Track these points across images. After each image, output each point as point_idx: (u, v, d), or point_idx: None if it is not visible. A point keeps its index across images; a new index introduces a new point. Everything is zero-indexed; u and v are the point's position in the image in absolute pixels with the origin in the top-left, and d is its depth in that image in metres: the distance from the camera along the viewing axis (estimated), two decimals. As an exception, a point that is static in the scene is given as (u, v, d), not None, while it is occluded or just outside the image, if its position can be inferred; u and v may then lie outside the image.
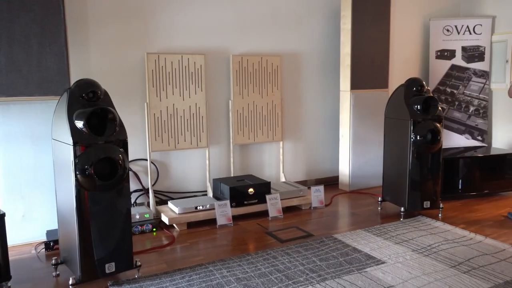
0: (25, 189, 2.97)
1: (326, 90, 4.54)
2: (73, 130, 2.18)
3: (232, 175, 4.00)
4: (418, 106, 3.36)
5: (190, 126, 3.73)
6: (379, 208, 3.73)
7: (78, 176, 2.18)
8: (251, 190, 3.49)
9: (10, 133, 2.90)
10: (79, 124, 2.19)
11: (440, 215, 3.49)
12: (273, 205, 3.53)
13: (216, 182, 3.64)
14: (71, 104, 2.26)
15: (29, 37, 2.89)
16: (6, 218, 2.33)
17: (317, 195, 3.77)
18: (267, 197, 3.52)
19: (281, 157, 4.23)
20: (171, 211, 3.36)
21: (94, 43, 3.43)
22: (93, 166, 2.16)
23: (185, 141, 3.72)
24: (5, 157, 2.90)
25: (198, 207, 3.33)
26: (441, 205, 3.47)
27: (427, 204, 3.43)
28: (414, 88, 3.47)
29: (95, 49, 3.44)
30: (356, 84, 4.25)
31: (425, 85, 3.49)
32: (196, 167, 3.92)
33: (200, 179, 3.95)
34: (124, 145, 2.31)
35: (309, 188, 3.90)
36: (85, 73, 3.39)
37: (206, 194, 3.92)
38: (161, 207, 3.46)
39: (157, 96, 3.57)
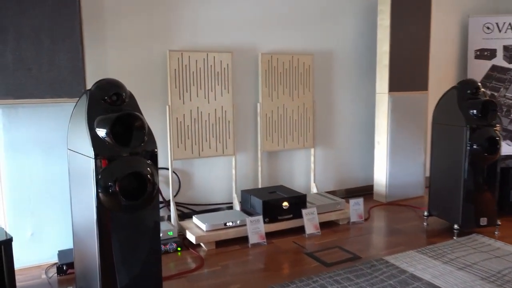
0: (35, 204, 2.61)
1: (360, 92, 4.16)
2: (94, 139, 1.82)
3: (259, 186, 3.64)
4: (475, 111, 2.98)
5: (216, 131, 3.37)
6: (425, 224, 3.35)
7: (100, 194, 1.82)
8: (285, 204, 3.12)
9: (18, 141, 2.54)
10: (101, 132, 1.83)
11: (496, 233, 3.11)
12: (310, 220, 3.16)
13: (246, 195, 3.27)
14: (91, 108, 1.90)
15: (40, 31, 2.53)
16: (13, 236, 1.98)
17: (356, 208, 3.40)
18: (304, 211, 3.15)
19: (312, 165, 3.87)
20: (197, 227, 2.99)
21: (110, 39, 3.07)
22: (118, 183, 1.80)
23: (210, 148, 3.36)
24: (12, 168, 2.55)
25: (227, 223, 2.97)
26: (498, 222, 3.10)
27: (483, 221, 3.05)
28: (469, 91, 3.10)
29: (112, 45, 3.08)
30: (394, 85, 3.87)
31: (480, 87, 3.12)
32: (221, 177, 3.56)
33: (225, 190, 3.58)
34: (153, 157, 1.95)
35: (346, 200, 3.53)
36: (101, 73, 3.03)
37: (231, 207, 3.56)
38: (185, 223, 3.10)
39: (180, 99, 3.21)
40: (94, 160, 1.80)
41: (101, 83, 1.98)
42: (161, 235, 2.85)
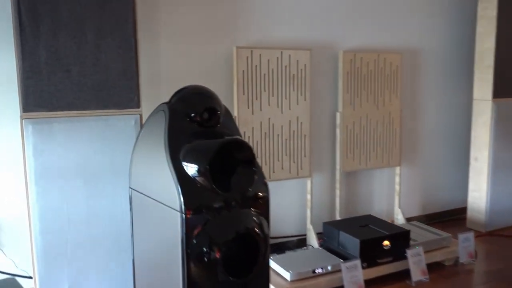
0: (73, 250, 1.97)
1: (451, 98, 3.46)
2: (183, 181, 1.18)
3: (337, 214, 2.97)
4: None
5: (290, 148, 2.71)
6: (555, 265, 2.65)
7: (192, 264, 1.17)
8: (386, 243, 2.44)
9: (52, 167, 1.91)
10: (192, 169, 1.19)
11: None
12: (416, 263, 2.48)
13: (330, 229, 2.60)
14: (174, 131, 1.25)
15: (83, 22, 1.90)
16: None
17: (466, 245, 2.70)
18: (408, 252, 2.47)
19: (396, 186, 3.18)
20: (277, 274, 2.33)
21: (166, 33, 2.42)
22: (220, 252, 1.15)
23: (282, 168, 2.70)
24: (44, 203, 1.91)
25: (316, 270, 2.30)
26: None
27: None
28: None
29: (167, 42, 2.44)
30: (501, 90, 3.17)
31: None
32: (292, 203, 2.89)
33: (297, 219, 2.91)
34: (265, 208, 1.29)
35: (454, 236, 2.84)
36: (153, 75, 2.39)
37: (305, 240, 2.89)
38: (258, 266, 2.43)
39: (248, 108, 2.56)
40: (183, 215, 1.14)
41: (185, 93, 1.35)
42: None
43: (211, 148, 1.13)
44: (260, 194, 1.25)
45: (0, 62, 2.08)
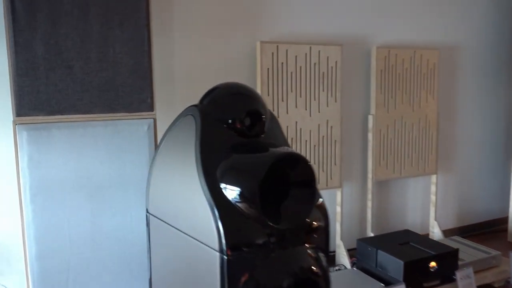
0: (75, 277, 1.69)
1: (491, 100, 3.16)
2: (223, 210, 0.89)
3: (369, 228, 2.67)
4: None
5: (319, 156, 2.42)
6: None
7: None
8: (433, 264, 2.14)
9: (51, 181, 1.62)
10: (233, 193, 0.90)
11: None
12: (467, 287, 2.17)
13: (367, 247, 2.30)
14: (208, 141, 0.97)
15: (87, 10, 1.61)
16: None
17: (518, 265, 2.40)
18: (458, 275, 2.17)
19: (432, 196, 2.88)
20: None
21: (180, 26, 2.14)
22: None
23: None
24: (41, 223, 1.62)
25: (355, 297, 2.00)
26: None
27: None
28: None
29: (182, 36, 2.15)
30: (549, 90, 2.88)
31: None
32: (319, 217, 2.60)
33: (324, 234, 2.62)
34: (324, 240, 1.00)
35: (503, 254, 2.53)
36: (165, 74, 2.11)
37: (333, 257, 2.59)
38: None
39: (273, 110, 2.25)
40: (223, 257, 0.85)
41: (221, 93, 1.06)
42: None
43: (260, 165, 0.84)
44: (318, 223, 0.96)
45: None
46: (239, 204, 0.87)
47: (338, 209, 2.53)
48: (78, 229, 1.68)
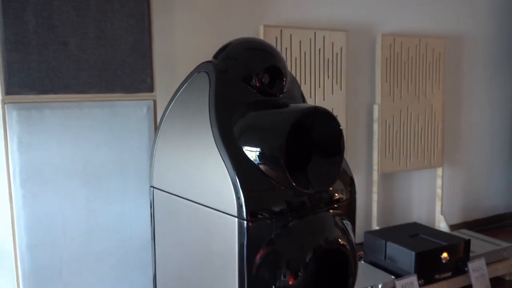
0: (69, 270, 1.57)
1: (501, 91, 3.10)
2: (242, 170, 0.79)
3: (374, 221, 2.58)
4: None
5: (325, 145, 2.32)
6: None
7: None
8: (445, 255, 2.05)
9: (43, 165, 1.50)
10: (254, 154, 0.80)
11: None
12: (479, 279, 2.09)
13: (375, 239, 2.20)
14: (225, 99, 0.87)
15: (82, -19, 1.51)
16: None
17: (530, 257, 2.32)
18: (470, 266, 2.08)
19: (438, 190, 2.80)
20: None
21: (181, 5, 2.03)
22: (301, 277, 0.75)
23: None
24: (32, 211, 1.50)
25: (366, 291, 1.90)
26: None
27: None
28: None
29: (182, 16, 2.05)
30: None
31: None
32: (324, 210, 2.50)
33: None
34: (351, 208, 0.91)
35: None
36: (165, 55, 2.00)
37: (339, 253, 2.49)
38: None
39: (276, 98, 2.17)
40: (243, 222, 0.75)
41: (237, 48, 0.97)
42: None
43: (284, 122, 0.74)
44: (347, 194, 0.86)
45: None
46: (261, 166, 0.77)
47: (343, 201, 2.43)
48: (72, 218, 1.56)
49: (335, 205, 0.89)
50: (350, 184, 0.93)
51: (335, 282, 0.84)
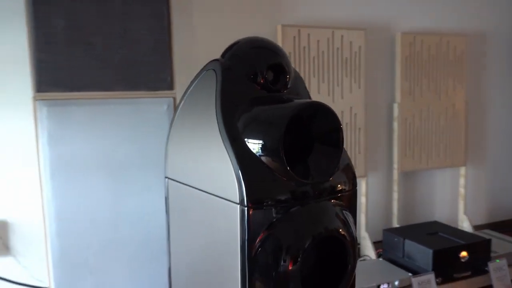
0: (96, 257, 1.66)
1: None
2: (244, 162, 0.85)
3: (395, 220, 2.58)
4: None
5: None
6: None
7: (255, 277, 0.83)
8: (464, 254, 2.04)
9: (71, 158, 1.60)
10: (256, 146, 0.86)
11: None
12: (500, 279, 2.07)
13: (393, 236, 2.21)
14: (230, 96, 0.93)
15: (107, -15, 1.61)
16: None
17: (554, 258, 2.27)
18: (490, 266, 2.07)
19: (461, 189, 2.77)
20: (334, 290, 1.96)
21: (199, 5, 2.11)
22: (296, 263, 0.80)
23: (333, 167, 2.33)
24: (62, 201, 1.60)
25: (382, 286, 1.92)
26: None
27: None
28: None
29: (200, 16, 2.13)
30: None
31: None
32: (343, 208, 2.52)
33: (348, 225, 2.54)
34: (352, 200, 0.95)
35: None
36: (184, 54, 2.08)
37: (359, 248, 2.51)
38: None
39: (295, 96, 2.22)
40: (244, 209, 0.81)
41: (242, 47, 1.02)
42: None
43: (283, 116, 0.79)
44: (348, 184, 0.91)
45: (11, 33, 1.75)
46: (263, 158, 0.83)
47: (363, 199, 2.45)
48: (99, 208, 1.65)
49: (338, 195, 0.93)
50: (352, 178, 0.97)
51: (332, 273, 0.88)
